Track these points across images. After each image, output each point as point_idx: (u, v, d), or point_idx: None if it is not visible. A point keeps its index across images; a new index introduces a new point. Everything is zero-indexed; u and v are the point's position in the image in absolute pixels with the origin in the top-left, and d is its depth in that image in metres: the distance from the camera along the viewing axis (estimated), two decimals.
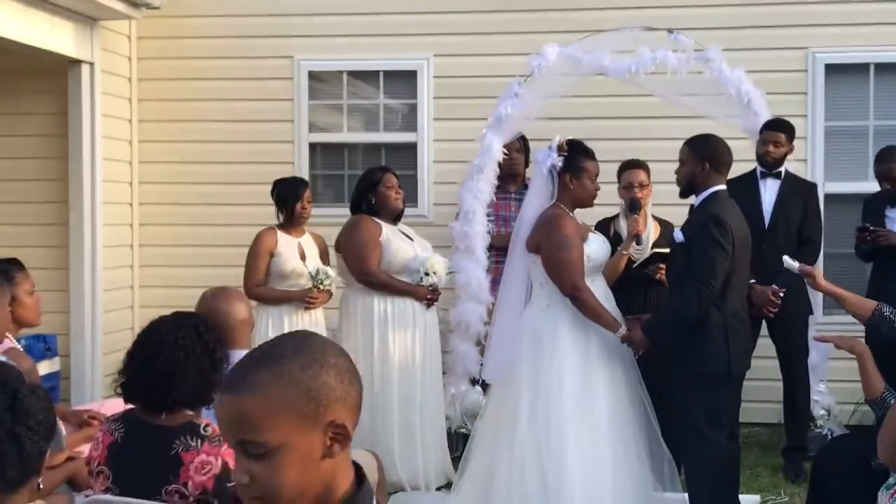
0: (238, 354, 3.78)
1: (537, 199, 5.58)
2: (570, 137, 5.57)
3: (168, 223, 8.16)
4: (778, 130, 6.58)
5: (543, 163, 5.52)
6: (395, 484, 6.22)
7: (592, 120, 7.42)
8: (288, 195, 6.54)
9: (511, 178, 7.19)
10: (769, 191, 6.57)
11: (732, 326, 5.16)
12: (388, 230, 6.36)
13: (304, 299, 6.39)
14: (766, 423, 7.35)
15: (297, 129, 8.06)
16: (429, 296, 6.35)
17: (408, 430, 6.30)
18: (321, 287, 6.43)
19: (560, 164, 5.47)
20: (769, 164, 6.55)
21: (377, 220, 6.38)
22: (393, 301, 6.30)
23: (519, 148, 7.18)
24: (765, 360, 6.61)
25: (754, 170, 6.64)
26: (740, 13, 7.53)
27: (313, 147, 8.12)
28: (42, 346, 7.25)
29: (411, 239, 6.48)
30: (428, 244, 6.61)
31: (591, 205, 5.60)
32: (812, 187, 6.76)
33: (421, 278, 6.30)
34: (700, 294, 5.02)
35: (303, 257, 6.51)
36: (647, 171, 6.45)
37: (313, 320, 6.48)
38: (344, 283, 6.52)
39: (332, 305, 6.69)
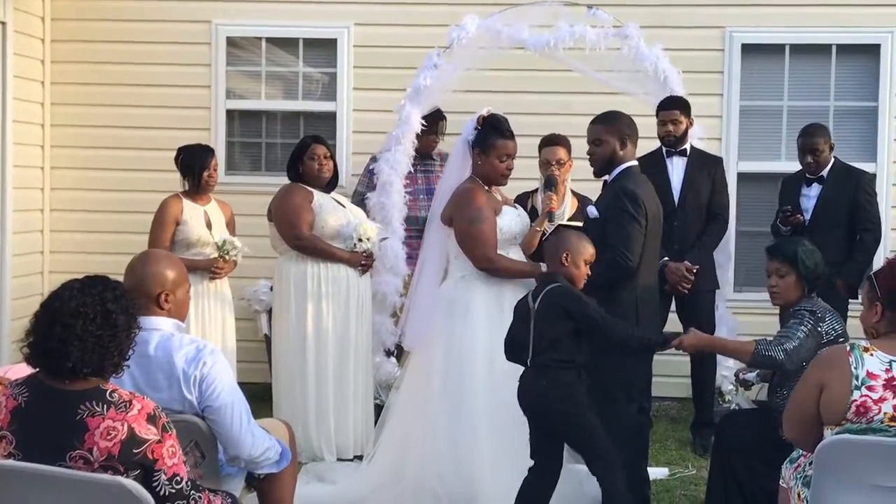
0: (165, 321, 3.76)
1: (457, 170, 5.59)
2: (494, 112, 5.56)
3: (79, 188, 8.01)
4: (672, 108, 6.61)
5: (464, 135, 5.53)
6: (317, 452, 6.25)
7: (515, 94, 7.42)
8: (194, 162, 6.42)
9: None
10: (676, 168, 6.64)
11: (643, 301, 5.21)
12: (319, 196, 6.33)
13: (209, 269, 6.32)
14: (676, 397, 7.47)
15: (214, 95, 7.94)
16: (363, 262, 6.33)
17: (342, 398, 6.29)
18: (227, 257, 6.36)
19: (471, 138, 5.48)
20: (672, 142, 6.61)
21: (308, 187, 6.32)
22: (327, 267, 6.28)
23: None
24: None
25: (660, 148, 6.69)
26: None
27: (230, 114, 8.01)
28: None
29: (344, 206, 6.44)
30: (360, 211, 6.57)
31: (501, 183, 5.61)
32: (718, 162, 6.82)
33: (354, 244, 6.28)
34: (615, 264, 5.05)
35: (209, 226, 6.43)
36: (568, 147, 6.46)
37: (218, 290, 6.43)
38: (277, 253, 6.45)
39: (238, 274, 6.66)
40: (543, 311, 4.76)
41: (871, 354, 3.81)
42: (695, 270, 6.43)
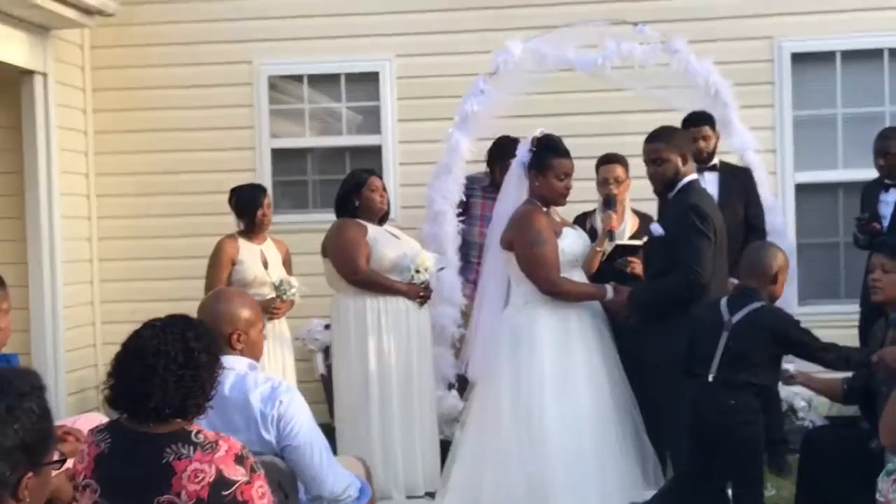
0: (239, 360, 3.67)
1: (512, 195, 5.49)
2: (548, 133, 5.47)
3: (127, 236, 7.96)
4: (702, 124, 6.47)
5: (520, 157, 5.43)
6: (385, 491, 6.09)
7: (565, 116, 7.27)
8: (246, 203, 6.42)
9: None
10: (709, 185, 6.41)
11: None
12: (373, 230, 6.23)
13: (267, 309, 6.22)
14: None
15: (258, 135, 7.90)
16: (421, 293, 6.21)
17: (409, 434, 6.17)
18: (284, 297, 6.30)
19: (527, 160, 5.38)
20: (703, 159, 6.43)
21: (362, 221, 6.25)
22: (385, 301, 6.15)
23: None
24: None
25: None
26: (705, 4, 7.48)
27: (275, 153, 7.96)
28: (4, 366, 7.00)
29: (398, 238, 6.35)
30: (415, 243, 6.47)
31: (560, 203, 5.50)
32: (749, 173, 6.67)
33: (412, 276, 6.17)
34: (690, 281, 4.95)
35: (265, 265, 6.38)
36: (625, 165, 6.35)
37: (277, 331, 6.34)
38: (334, 290, 6.35)
39: (293, 314, 6.57)
40: (745, 328, 4.69)
41: None
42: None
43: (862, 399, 5.23)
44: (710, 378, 4.74)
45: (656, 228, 5.20)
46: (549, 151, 5.39)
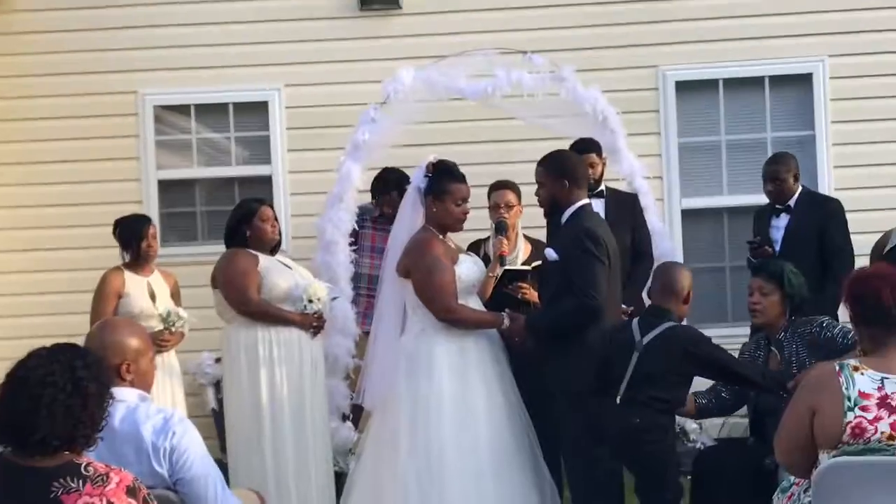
0: (130, 392, 3.55)
1: (407, 221, 5.46)
2: (443, 159, 5.47)
3: (7, 271, 7.71)
4: (589, 151, 6.51)
5: (414, 183, 5.41)
6: None
7: (457, 145, 7.23)
8: (130, 233, 6.30)
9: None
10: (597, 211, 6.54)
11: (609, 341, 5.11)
12: (265, 260, 6.12)
13: (155, 342, 6.07)
14: None
15: (144, 166, 7.75)
16: (314, 323, 6.12)
17: (303, 467, 6.04)
18: (173, 329, 6.17)
19: (424, 185, 5.36)
20: (590, 186, 6.47)
21: (252, 251, 6.15)
22: (277, 332, 6.03)
23: None
24: None
25: None
26: (591, 34, 7.58)
27: (162, 184, 7.81)
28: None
29: (290, 268, 6.26)
30: (308, 272, 6.38)
31: (457, 229, 5.49)
32: (635, 199, 6.75)
33: (304, 306, 6.08)
34: (583, 306, 4.97)
35: (152, 298, 6.25)
36: (517, 191, 6.38)
37: (166, 363, 6.20)
38: (224, 321, 6.23)
39: (182, 348, 6.44)
40: (657, 348, 4.71)
41: (862, 373, 3.71)
42: (630, 311, 6.27)
43: (751, 418, 5.34)
44: (618, 398, 4.77)
45: (550, 253, 5.21)
46: (445, 176, 5.38)
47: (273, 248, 6.31)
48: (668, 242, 6.99)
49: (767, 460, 4.71)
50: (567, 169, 5.24)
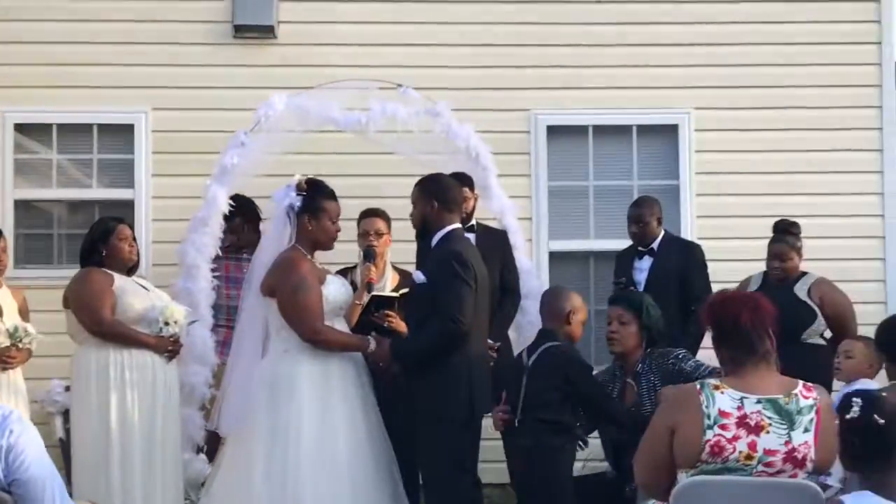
0: None
1: (274, 239, 5.35)
2: (312, 177, 5.40)
3: None
4: (460, 185, 6.51)
5: (281, 203, 5.31)
6: None
7: (330, 178, 7.11)
8: None
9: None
10: None
11: (476, 366, 5.08)
12: (120, 280, 5.93)
13: (0, 358, 5.84)
14: (496, 483, 7.25)
15: (1, 184, 7.46)
16: (170, 347, 5.92)
17: (152, 500, 5.79)
18: (20, 345, 5.90)
19: (299, 204, 5.27)
20: (462, 220, 6.49)
21: (108, 270, 5.94)
22: (131, 354, 5.81)
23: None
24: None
25: None
26: (467, 75, 7.62)
27: (18, 204, 7.53)
28: None
29: (147, 290, 6.06)
30: (166, 295, 6.19)
31: (330, 247, 5.44)
32: (505, 236, 6.75)
33: (160, 329, 5.88)
34: (448, 329, 4.93)
35: None
36: (386, 220, 6.34)
37: (11, 383, 5.92)
38: (76, 343, 5.97)
39: (31, 374, 6.16)
40: (539, 367, 4.71)
41: (722, 392, 3.75)
42: (496, 347, 6.23)
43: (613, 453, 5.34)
44: (517, 422, 4.80)
45: (418, 276, 5.19)
46: (321, 194, 5.35)
47: (130, 269, 6.12)
48: (536, 281, 6.99)
49: (627, 488, 4.72)
50: (439, 190, 5.25)
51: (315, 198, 5.32)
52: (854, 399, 3.42)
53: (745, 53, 7.77)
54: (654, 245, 6.71)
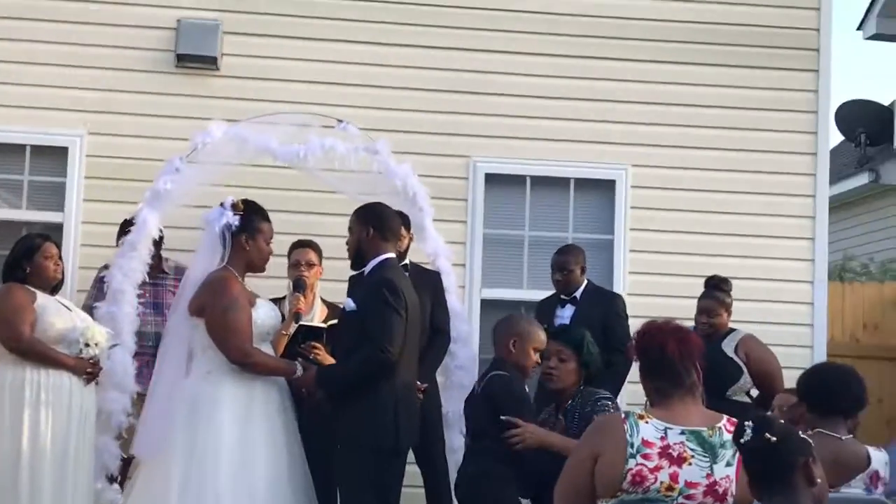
0: None
1: (205, 260, 5.28)
2: (245, 198, 5.35)
3: None
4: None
5: (216, 222, 5.26)
6: None
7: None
8: None
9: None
10: None
11: (403, 397, 5.01)
12: (43, 298, 5.83)
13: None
14: None
15: None
16: (89, 370, 5.79)
17: None
18: None
19: (236, 223, 5.21)
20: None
21: (31, 287, 5.82)
22: (48, 374, 5.70)
23: None
24: None
25: None
26: (408, 118, 7.61)
27: None
28: None
29: (70, 310, 5.93)
30: (88, 316, 6.07)
31: (263, 269, 5.42)
32: (438, 277, 6.68)
33: (80, 350, 5.75)
34: (375, 358, 4.87)
35: None
36: (318, 251, 6.29)
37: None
38: None
39: None
40: (480, 395, 4.73)
41: (647, 422, 3.73)
42: (424, 388, 6.14)
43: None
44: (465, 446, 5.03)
45: (349, 303, 5.15)
46: (258, 215, 5.35)
47: (54, 288, 6.01)
48: (465, 326, 6.94)
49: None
50: (376, 218, 5.25)
51: (252, 218, 5.31)
52: (746, 423, 3.44)
53: (684, 114, 7.86)
54: (577, 293, 6.73)
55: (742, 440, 3.42)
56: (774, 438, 3.35)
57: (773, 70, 7.94)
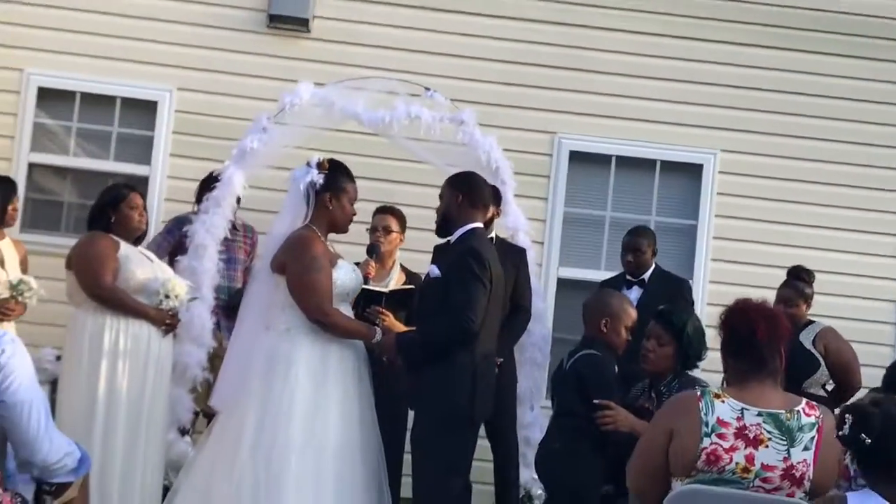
0: None
1: (289, 218, 5.26)
2: (330, 157, 5.34)
3: None
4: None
5: (301, 180, 5.23)
6: None
7: None
8: None
9: None
10: None
11: (481, 369, 4.98)
12: (126, 248, 5.85)
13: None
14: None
15: (17, 146, 7.41)
16: (168, 321, 5.83)
17: (131, 476, 5.68)
18: (21, 298, 5.85)
19: (321, 182, 5.20)
20: None
21: (115, 237, 5.87)
22: (127, 322, 5.72)
23: None
24: None
25: None
26: (494, 90, 7.58)
27: (32, 168, 7.47)
28: None
29: (151, 261, 5.99)
30: (169, 269, 6.12)
31: (345, 230, 5.37)
32: (523, 252, 6.61)
33: (160, 301, 5.79)
34: (456, 326, 4.84)
35: (1, 263, 5.96)
36: (399, 218, 6.28)
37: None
38: (73, 305, 5.88)
39: (28, 341, 5.98)
40: (568, 374, 4.89)
41: (723, 401, 3.66)
42: (498, 363, 6.09)
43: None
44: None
45: (433, 270, 5.10)
46: (343, 174, 5.29)
47: (137, 239, 6.06)
48: (541, 304, 6.89)
49: (604, 489, 4.71)
50: (466, 185, 5.21)
51: (337, 177, 5.27)
52: (847, 416, 3.33)
53: (778, 101, 7.72)
54: (645, 277, 6.66)
55: (841, 433, 3.31)
56: (869, 440, 3.23)
57: (871, 60, 7.77)
